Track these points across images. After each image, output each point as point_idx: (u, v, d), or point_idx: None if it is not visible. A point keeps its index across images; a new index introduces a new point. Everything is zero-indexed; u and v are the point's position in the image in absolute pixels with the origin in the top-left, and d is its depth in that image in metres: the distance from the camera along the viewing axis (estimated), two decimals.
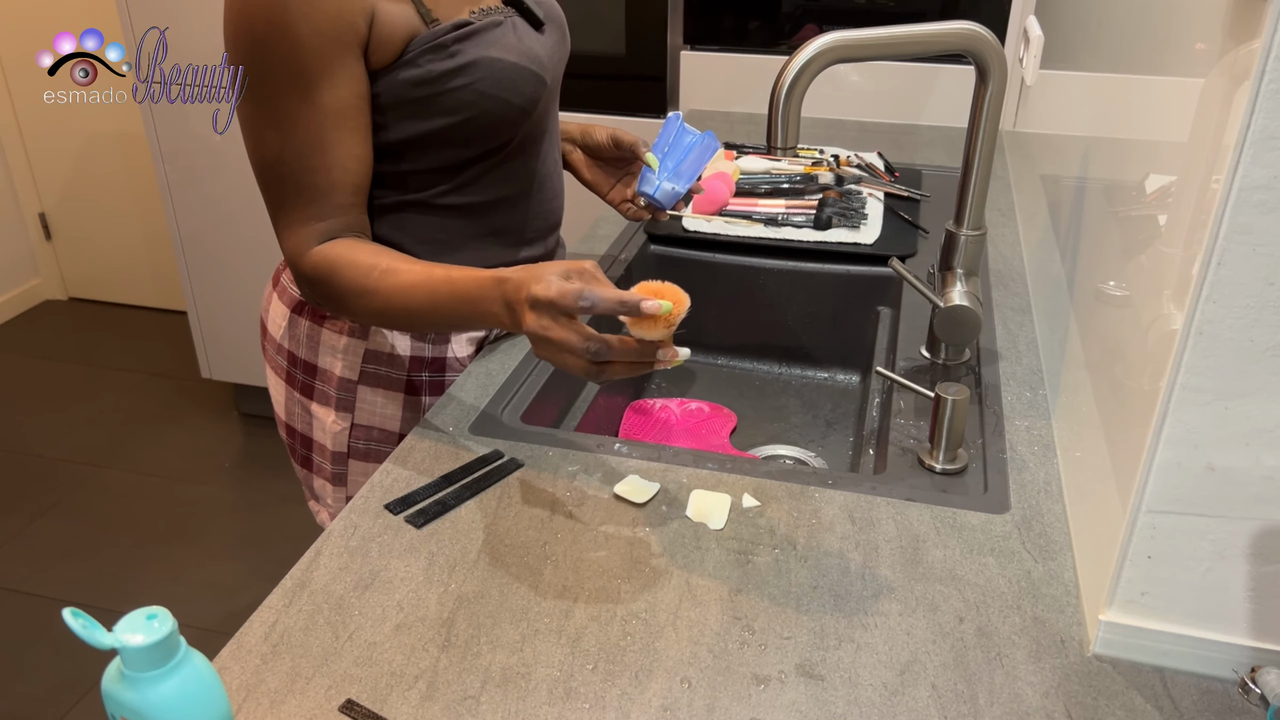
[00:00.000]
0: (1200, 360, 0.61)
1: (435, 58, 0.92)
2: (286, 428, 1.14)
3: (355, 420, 1.07)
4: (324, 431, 1.09)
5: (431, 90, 0.93)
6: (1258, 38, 0.54)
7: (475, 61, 0.93)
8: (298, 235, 0.93)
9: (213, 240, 2.47)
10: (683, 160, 1.07)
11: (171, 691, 0.56)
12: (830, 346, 1.38)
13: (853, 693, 0.67)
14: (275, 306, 1.11)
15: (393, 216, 1.00)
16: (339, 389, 1.06)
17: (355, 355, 1.05)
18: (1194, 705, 0.67)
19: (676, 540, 0.81)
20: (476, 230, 1.04)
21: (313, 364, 1.07)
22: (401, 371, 1.06)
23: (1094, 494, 0.78)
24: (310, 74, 0.88)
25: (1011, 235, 1.42)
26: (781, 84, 0.91)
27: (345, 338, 1.05)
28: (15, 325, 3.30)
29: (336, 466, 1.10)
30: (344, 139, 0.91)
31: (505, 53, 0.95)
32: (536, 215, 1.09)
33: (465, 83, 0.93)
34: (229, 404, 2.83)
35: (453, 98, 0.93)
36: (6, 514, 2.38)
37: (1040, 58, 1.54)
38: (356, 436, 1.08)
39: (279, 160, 0.91)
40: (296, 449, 1.14)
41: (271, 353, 1.13)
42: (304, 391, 1.09)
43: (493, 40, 0.95)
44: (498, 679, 0.68)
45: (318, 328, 1.06)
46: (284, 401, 1.13)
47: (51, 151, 3.22)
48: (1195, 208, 0.62)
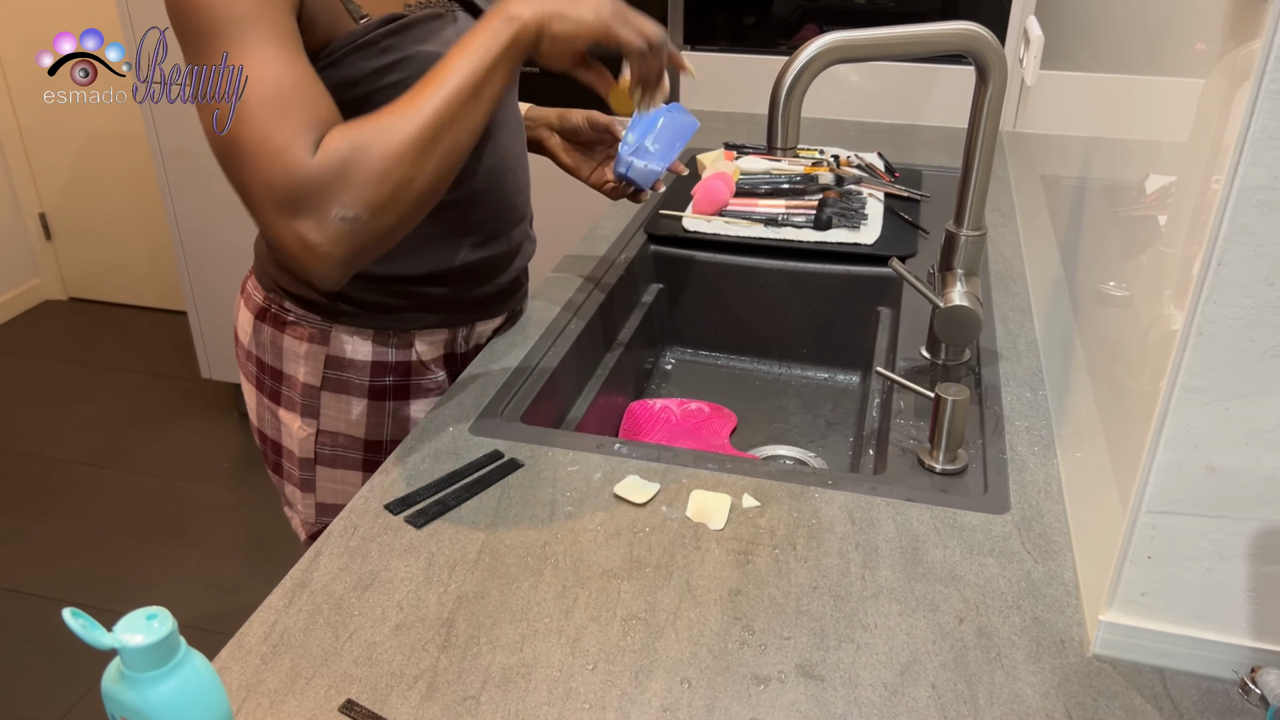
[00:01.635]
0: (1200, 361, 0.61)
1: (363, 55, 0.87)
2: (259, 434, 1.14)
3: (321, 426, 1.06)
4: (291, 438, 1.08)
5: (364, 89, 0.88)
6: (1258, 38, 0.54)
7: (409, 57, 0.89)
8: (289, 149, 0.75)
9: (213, 240, 2.47)
10: (653, 134, 1.06)
11: (171, 691, 0.56)
12: (830, 347, 1.38)
13: (853, 693, 0.67)
14: (243, 313, 1.10)
15: None
16: (304, 395, 1.06)
17: (317, 362, 1.04)
18: (1194, 705, 0.67)
19: (676, 540, 0.81)
20: (434, 230, 1.00)
21: (279, 370, 1.07)
22: (364, 376, 1.05)
23: (1094, 494, 0.78)
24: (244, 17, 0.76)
25: (1012, 235, 1.42)
26: (781, 84, 0.91)
27: (306, 344, 1.04)
28: (15, 325, 3.30)
29: (304, 473, 1.09)
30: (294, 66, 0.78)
31: (443, 47, 0.89)
32: (497, 211, 1.06)
33: (398, 79, 0.88)
34: (229, 404, 2.83)
35: (385, 95, 0.85)
36: (6, 514, 2.38)
37: (1040, 58, 1.54)
38: (323, 443, 1.07)
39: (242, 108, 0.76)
40: (269, 455, 1.13)
41: (242, 359, 1.12)
42: (272, 398, 1.09)
43: (428, 34, 0.91)
44: (498, 679, 0.68)
45: (280, 334, 1.05)
46: (255, 407, 1.12)
47: (51, 151, 3.22)
48: (1195, 208, 0.62)
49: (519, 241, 1.12)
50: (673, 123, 1.07)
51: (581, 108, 1.19)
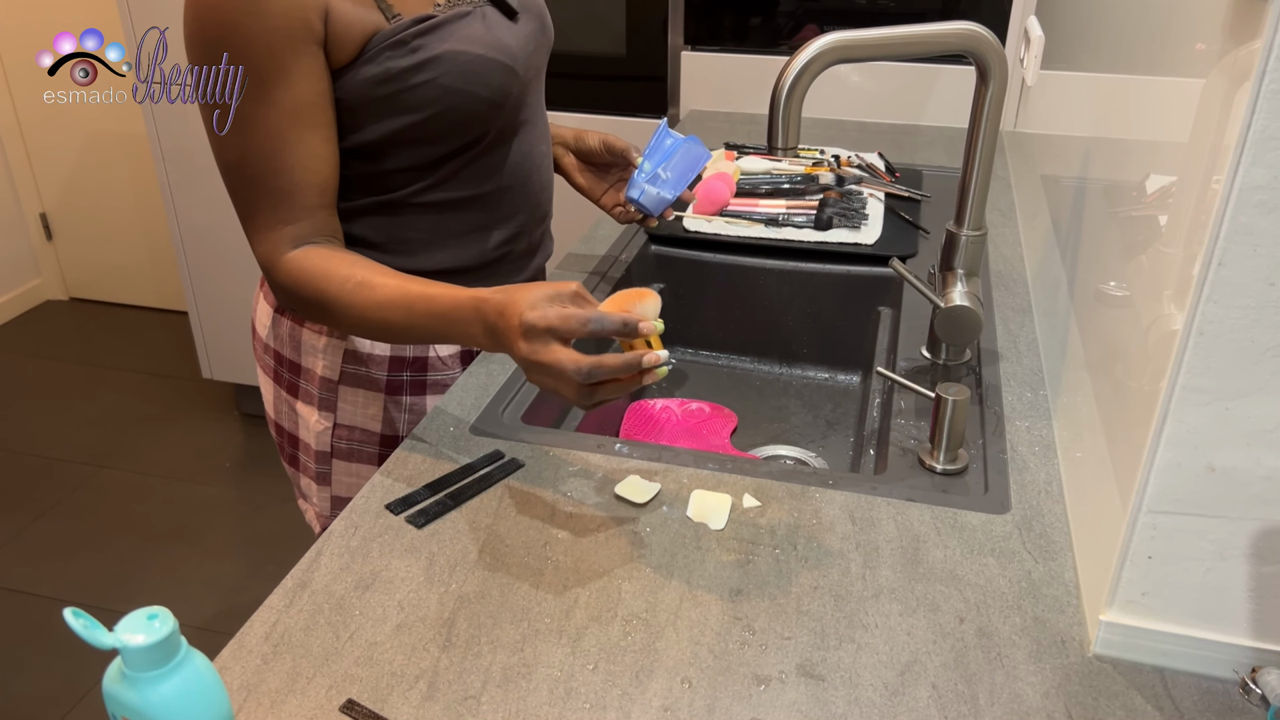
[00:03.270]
0: (1201, 360, 0.61)
1: (395, 54, 0.91)
2: (275, 426, 1.15)
3: (338, 420, 1.07)
4: (308, 431, 1.09)
5: (394, 88, 0.92)
6: (1258, 38, 0.54)
7: (438, 56, 0.92)
8: (268, 241, 0.92)
9: (213, 240, 2.47)
10: (667, 164, 1.09)
11: (172, 691, 0.56)
12: (831, 347, 1.38)
13: (853, 693, 0.67)
14: (261, 306, 1.11)
15: (372, 218, 1.00)
16: (321, 389, 1.06)
17: (335, 356, 1.05)
18: (1194, 705, 0.67)
19: (677, 540, 0.81)
20: (459, 226, 1.03)
21: (297, 363, 1.07)
22: (382, 372, 1.06)
23: (1094, 494, 0.78)
24: (265, 73, 0.86)
25: (1012, 235, 1.42)
26: (782, 84, 0.91)
27: (324, 338, 1.05)
28: (16, 325, 3.30)
29: (320, 466, 1.10)
30: (305, 138, 0.90)
31: (470, 45, 0.94)
32: (522, 209, 1.08)
33: (428, 78, 0.92)
34: (229, 404, 2.83)
35: (416, 94, 0.92)
36: (6, 514, 2.38)
37: (1041, 58, 1.54)
38: (339, 436, 1.08)
39: (242, 163, 0.90)
40: (285, 447, 1.15)
41: (260, 352, 1.13)
42: (290, 390, 1.09)
43: (457, 33, 0.93)
44: (498, 679, 0.68)
45: (298, 328, 1.06)
46: (272, 400, 1.13)
47: (52, 151, 3.22)
48: (1196, 208, 0.62)
49: (540, 239, 1.14)
50: (687, 153, 1.09)
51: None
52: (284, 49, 0.86)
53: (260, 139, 0.89)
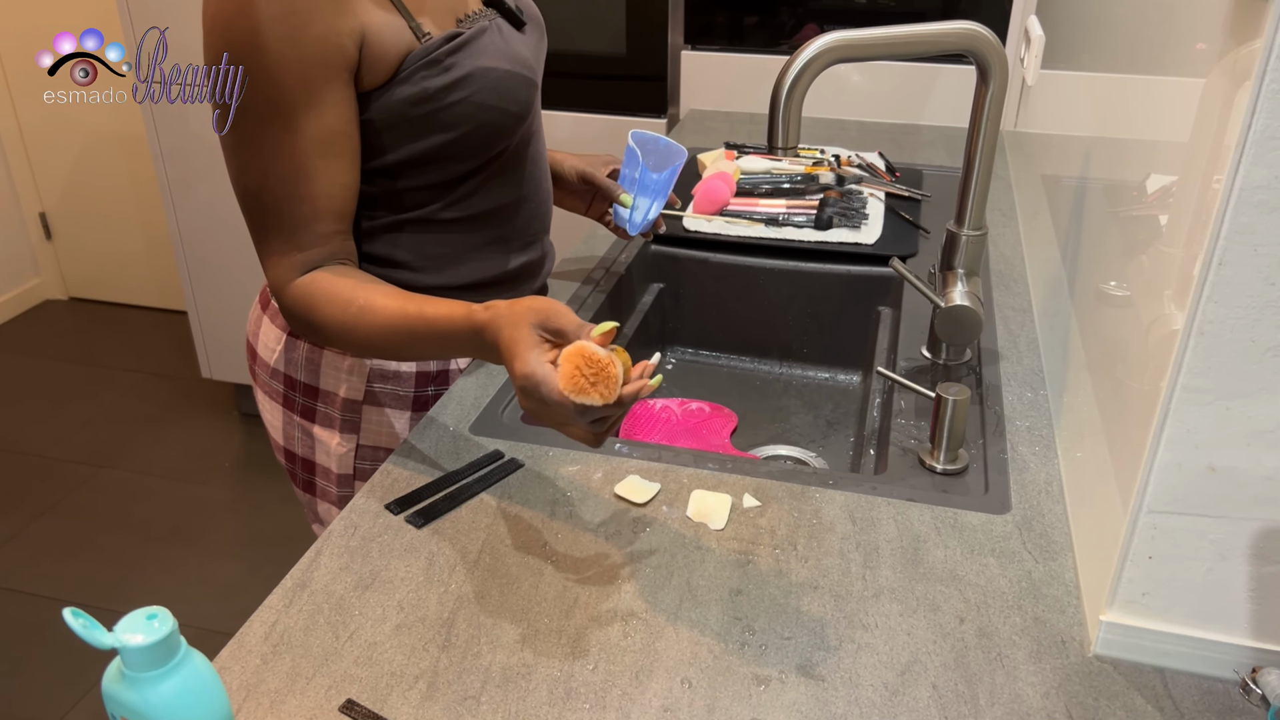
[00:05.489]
0: (1201, 360, 0.61)
1: (430, 74, 0.89)
2: (285, 453, 1.11)
3: (361, 441, 1.05)
4: (328, 455, 1.06)
5: (430, 108, 0.90)
6: (1258, 38, 0.54)
7: (470, 74, 0.91)
8: (280, 266, 0.90)
9: (213, 240, 2.47)
10: (647, 189, 1.11)
11: (172, 691, 0.56)
12: (831, 346, 1.38)
13: (853, 693, 0.67)
14: (267, 330, 1.07)
15: (391, 235, 0.98)
16: (343, 410, 1.04)
17: (360, 375, 1.03)
18: (1195, 706, 0.67)
19: (677, 540, 0.81)
20: (476, 241, 1.02)
21: (314, 387, 1.05)
22: (409, 388, 1.04)
23: (1095, 494, 0.78)
24: (294, 102, 0.84)
25: (1012, 235, 1.42)
26: (782, 84, 0.91)
27: (349, 359, 1.02)
28: (15, 325, 3.30)
29: (342, 489, 1.07)
30: (329, 167, 0.88)
31: (497, 61, 0.93)
32: (533, 219, 1.07)
33: (462, 96, 0.91)
34: (229, 404, 2.83)
35: (451, 113, 0.91)
36: (6, 514, 2.38)
37: (1041, 58, 1.54)
38: (362, 457, 1.06)
39: (261, 189, 0.88)
40: (298, 474, 1.11)
41: (265, 377, 1.09)
42: (304, 415, 1.07)
43: (483, 48, 0.93)
44: (498, 679, 0.68)
45: (318, 351, 1.03)
46: (281, 426, 1.10)
47: (51, 151, 3.22)
48: (1196, 208, 0.62)
49: (548, 247, 1.14)
50: (661, 163, 1.10)
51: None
52: (315, 76, 0.84)
53: (283, 166, 0.87)
